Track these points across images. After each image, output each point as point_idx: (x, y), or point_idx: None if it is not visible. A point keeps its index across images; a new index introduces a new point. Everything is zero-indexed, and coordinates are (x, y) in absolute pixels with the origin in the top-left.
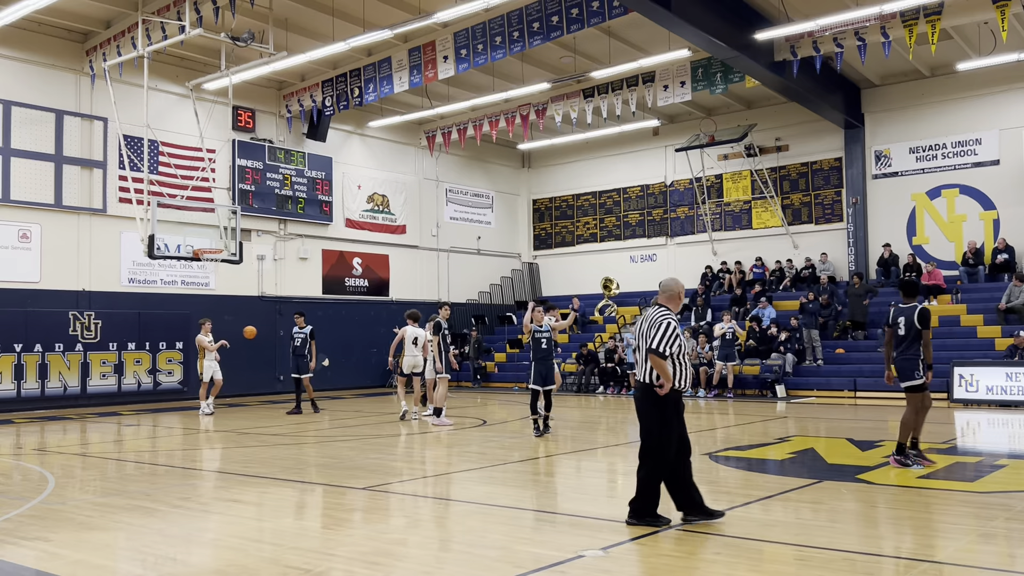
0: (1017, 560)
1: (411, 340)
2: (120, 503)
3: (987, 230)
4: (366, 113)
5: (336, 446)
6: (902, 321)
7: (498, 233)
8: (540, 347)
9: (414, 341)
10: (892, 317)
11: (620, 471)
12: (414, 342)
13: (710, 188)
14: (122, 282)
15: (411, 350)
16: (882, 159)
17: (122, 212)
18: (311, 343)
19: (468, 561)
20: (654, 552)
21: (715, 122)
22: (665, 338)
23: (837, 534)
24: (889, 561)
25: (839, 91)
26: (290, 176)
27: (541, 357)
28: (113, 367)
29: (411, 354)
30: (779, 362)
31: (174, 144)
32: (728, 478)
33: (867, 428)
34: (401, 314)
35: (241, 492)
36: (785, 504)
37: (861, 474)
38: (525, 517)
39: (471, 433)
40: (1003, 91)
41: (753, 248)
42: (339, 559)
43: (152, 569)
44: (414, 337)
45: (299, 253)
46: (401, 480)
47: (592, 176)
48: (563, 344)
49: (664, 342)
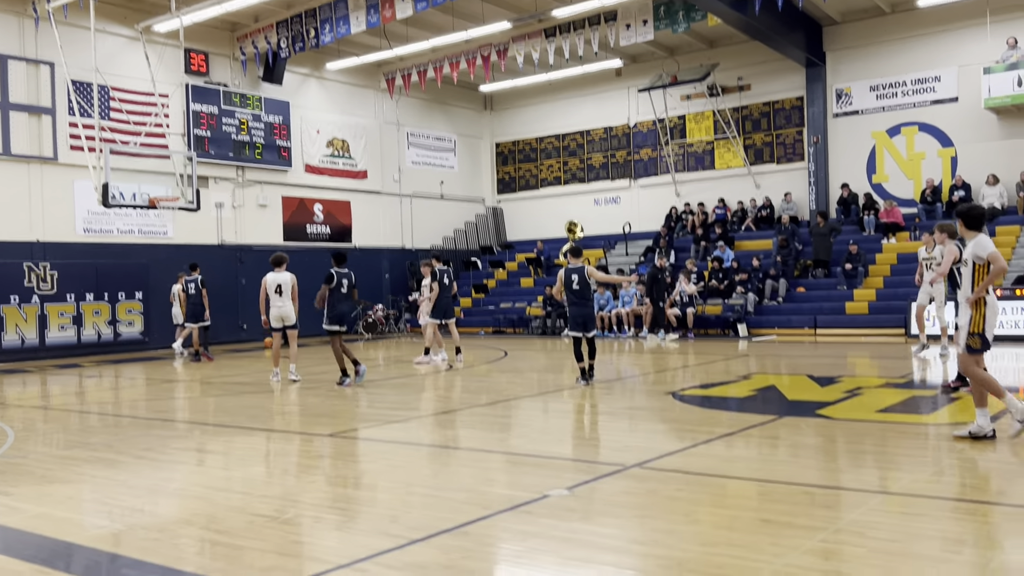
0: (970, 490)
1: (274, 289)
2: (83, 455)
3: (945, 167)
4: (323, 55)
5: (302, 394)
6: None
7: (461, 177)
8: (571, 288)
9: (277, 290)
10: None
11: (586, 412)
12: (277, 291)
13: (673, 129)
14: (77, 232)
15: (276, 300)
16: (843, 97)
17: (74, 160)
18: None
19: (435, 504)
20: (618, 490)
21: (678, 62)
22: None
23: (797, 468)
24: (848, 493)
25: (801, 29)
26: (246, 121)
27: (575, 300)
28: (72, 318)
29: (276, 305)
30: (740, 302)
31: (125, 89)
32: (691, 416)
33: (826, 365)
34: (366, 260)
35: (206, 442)
36: (747, 440)
37: (820, 409)
38: (492, 459)
39: (438, 378)
40: (962, 28)
41: (716, 189)
42: (306, 505)
43: (118, 520)
44: (276, 285)
45: (258, 200)
46: (367, 426)
47: (555, 118)
48: (528, 288)
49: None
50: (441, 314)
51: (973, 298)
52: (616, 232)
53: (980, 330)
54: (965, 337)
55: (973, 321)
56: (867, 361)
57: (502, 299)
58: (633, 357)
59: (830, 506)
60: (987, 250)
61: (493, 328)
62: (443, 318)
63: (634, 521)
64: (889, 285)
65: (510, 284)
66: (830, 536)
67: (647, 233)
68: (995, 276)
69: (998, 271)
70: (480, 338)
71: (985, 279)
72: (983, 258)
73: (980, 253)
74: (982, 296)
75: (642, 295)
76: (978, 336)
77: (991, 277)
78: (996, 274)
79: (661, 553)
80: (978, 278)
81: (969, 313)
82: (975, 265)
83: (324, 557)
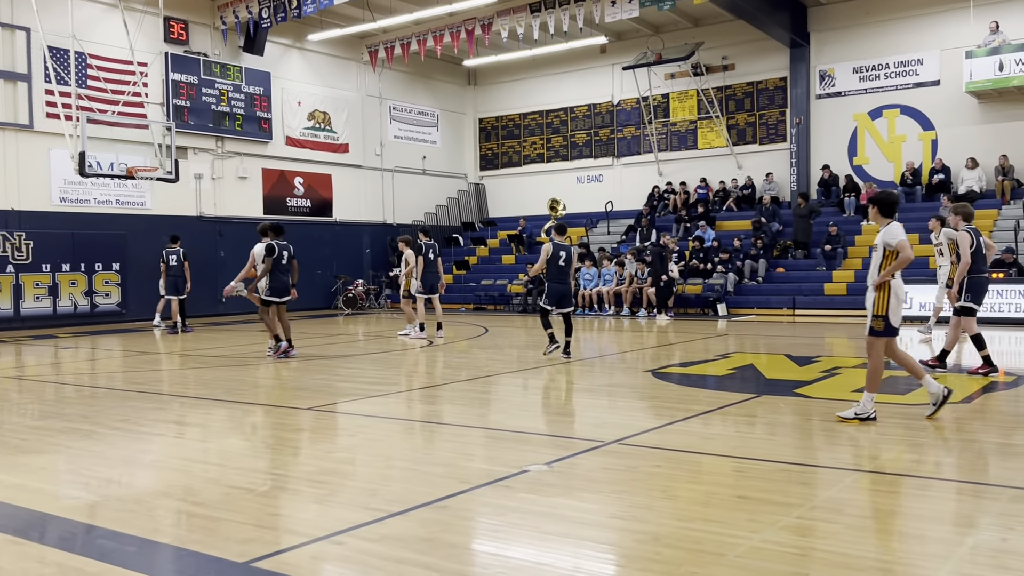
0: (943, 468)
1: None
2: (58, 426)
3: (925, 150)
4: (305, 26)
5: (280, 367)
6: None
7: (444, 153)
8: (558, 264)
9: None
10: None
11: (564, 388)
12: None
13: (656, 108)
14: (53, 201)
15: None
16: (826, 79)
17: (50, 128)
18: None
19: (414, 478)
20: (597, 465)
21: (662, 40)
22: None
23: (774, 446)
24: (824, 471)
25: (786, 9)
26: (227, 91)
27: (558, 277)
28: (47, 289)
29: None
30: (721, 281)
31: (103, 57)
32: (670, 394)
33: (805, 344)
34: (347, 235)
35: (184, 414)
36: (724, 418)
37: (798, 388)
38: (471, 434)
39: (419, 354)
40: (945, 11)
41: (698, 168)
42: (284, 478)
43: (93, 492)
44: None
45: (238, 172)
46: (347, 400)
47: (539, 95)
48: (509, 265)
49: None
50: (428, 288)
51: (878, 282)
52: (598, 210)
53: (884, 312)
54: (869, 319)
55: (876, 304)
56: (845, 342)
57: (483, 276)
58: (613, 335)
59: (806, 483)
60: (896, 238)
61: (474, 305)
62: (429, 293)
63: (612, 496)
64: (868, 267)
65: (492, 261)
66: (806, 513)
67: (629, 212)
68: (900, 264)
69: (903, 260)
70: (461, 314)
71: (891, 265)
72: (892, 245)
73: (890, 241)
74: (887, 281)
75: (645, 273)
76: (881, 319)
77: (896, 264)
78: (901, 263)
79: (638, 528)
80: (886, 263)
81: (873, 296)
82: (885, 251)
83: (302, 530)
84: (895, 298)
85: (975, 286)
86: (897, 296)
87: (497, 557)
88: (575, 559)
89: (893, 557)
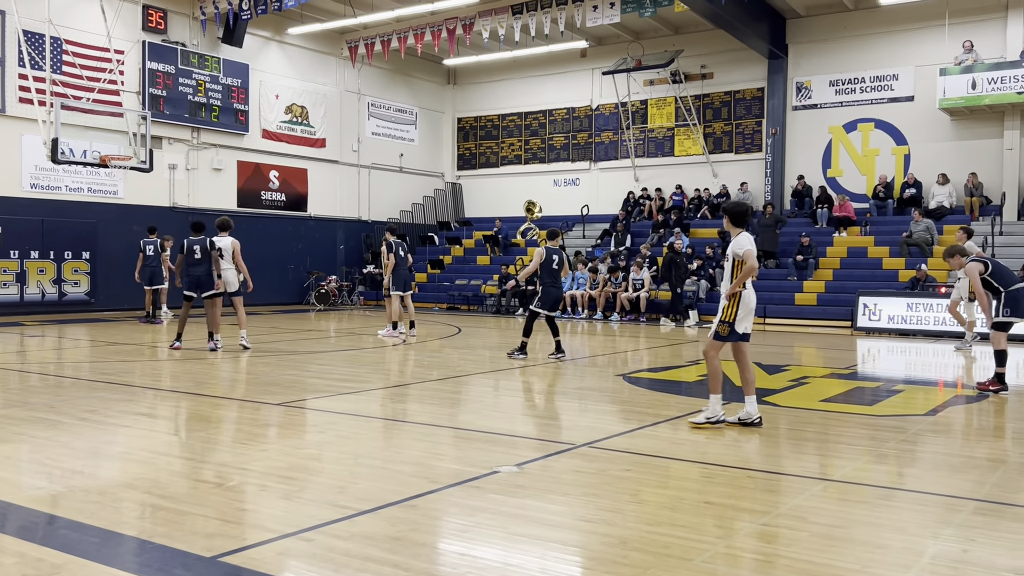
0: (907, 479)
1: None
2: (22, 415)
3: (898, 165)
4: (285, 19)
5: (251, 362)
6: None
7: (421, 151)
8: (551, 268)
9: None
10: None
11: (536, 390)
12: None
13: (635, 113)
14: (24, 187)
15: (221, 264)
16: (803, 91)
17: (23, 113)
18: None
19: (383, 476)
20: (567, 468)
21: (642, 46)
22: None
23: (742, 453)
24: (790, 479)
25: (765, 20)
26: (204, 82)
27: (551, 281)
28: (15, 276)
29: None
30: (693, 288)
31: (79, 43)
32: (640, 398)
33: (775, 353)
34: (321, 230)
35: (152, 406)
36: None
37: (767, 396)
38: (441, 434)
39: (391, 352)
40: (921, 28)
41: (674, 175)
42: (252, 473)
43: (57, 482)
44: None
45: (213, 163)
46: (317, 397)
47: (518, 96)
48: (484, 266)
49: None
50: (402, 286)
51: (729, 292)
52: (574, 214)
53: (731, 319)
54: (716, 323)
55: (725, 310)
56: (814, 351)
57: (458, 275)
58: (585, 339)
59: (772, 491)
60: (743, 248)
61: (447, 304)
62: (403, 290)
63: (581, 499)
64: (838, 278)
65: (466, 261)
66: (772, 520)
67: (605, 216)
68: (746, 275)
69: (748, 270)
70: (434, 314)
71: (740, 275)
72: (740, 255)
73: (738, 251)
74: (738, 291)
75: (656, 279)
76: (727, 324)
77: (743, 275)
78: (747, 273)
79: (606, 531)
80: (735, 272)
81: (723, 304)
82: (734, 260)
83: (269, 525)
84: (744, 307)
85: (1012, 300)
86: (747, 305)
87: (466, 557)
88: (543, 560)
89: (856, 565)
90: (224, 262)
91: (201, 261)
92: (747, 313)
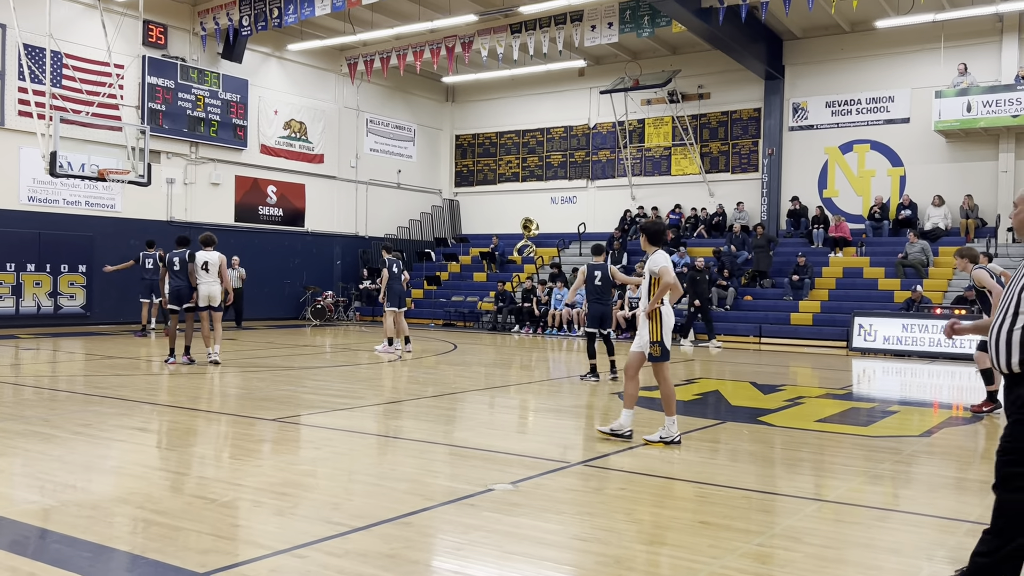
0: (901, 500)
1: (200, 265)
2: (16, 428)
3: (894, 186)
4: (285, 35)
5: (247, 377)
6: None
7: (419, 167)
8: (594, 284)
9: (204, 266)
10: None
11: (531, 408)
12: (204, 267)
13: (632, 132)
14: (21, 200)
15: (204, 277)
16: (799, 111)
17: (22, 126)
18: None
19: (377, 493)
20: (562, 487)
21: (640, 66)
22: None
23: (737, 473)
24: (785, 499)
25: (762, 41)
26: (203, 97)
27: (595, 298)
28: (11, 288)
29: (206, 281)
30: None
31: (79, 57)
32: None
33: (770, 373)
34: (318, 245)
35: (146, 420)
36: (689, 443)
37: (762, 416)
38: (436, 451)
39: (385, 368)
40: (917, 51)
41: (671, 194)
42: (246, 489)
43: (50, 496)
44: (204, 262)
45: (211, 178)
46: (312, 412)
47: (516, 114)
48: (480, 282)
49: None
50: (396, 302)
51: (648, 310)
52: (571, 231)
53: (659, 338)
54: (647, 347)
55: (652, 331)
56: (809, 371)
57: (454, 292)
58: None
59: (767, 511)
60: (659, 265)
61: (444, 321)
62: (398, 307)
63: (576, 518)
64: (834, 298)
65: (463, 277)
66: (766, 540)
67: (601, 234)
68: (663, 291)
69: (665, 286)
70: (430, 330)
71: (657, 292)
72: (656, 273)
73: (653, 268)
74: (657, 308)
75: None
76: (658, 344)
77: (660, 291)
78: (664, 289)
79: (600, 550)
80: (652, 291)
81: (647, 324)
82: (651, 278)
83: (262, 542)
84: (667, 323)
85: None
86: (668, 323)
87: (459, 575)
88: None
89: None
90: (209, 275)
91: (180, 273)
92: (667, 330)
